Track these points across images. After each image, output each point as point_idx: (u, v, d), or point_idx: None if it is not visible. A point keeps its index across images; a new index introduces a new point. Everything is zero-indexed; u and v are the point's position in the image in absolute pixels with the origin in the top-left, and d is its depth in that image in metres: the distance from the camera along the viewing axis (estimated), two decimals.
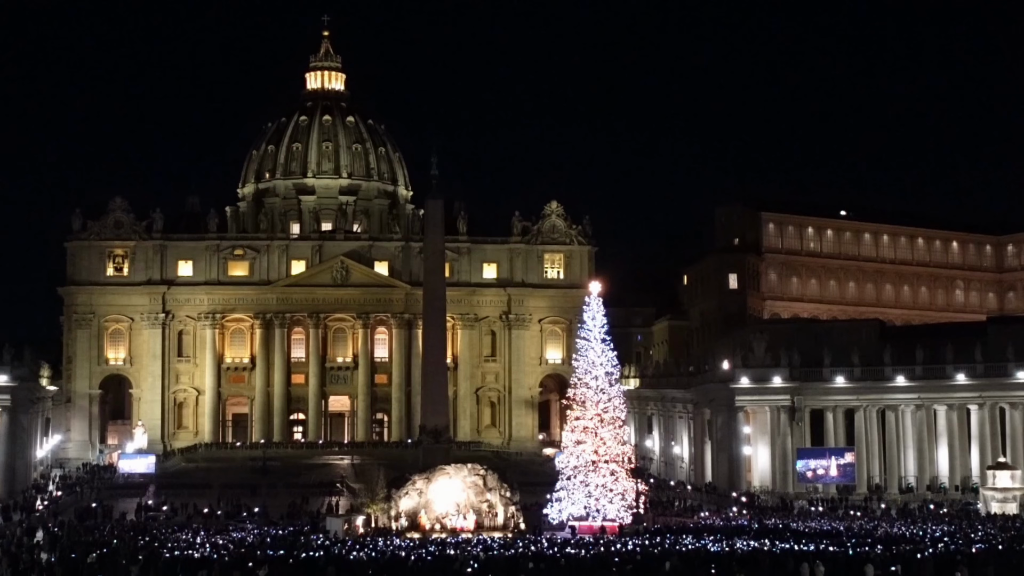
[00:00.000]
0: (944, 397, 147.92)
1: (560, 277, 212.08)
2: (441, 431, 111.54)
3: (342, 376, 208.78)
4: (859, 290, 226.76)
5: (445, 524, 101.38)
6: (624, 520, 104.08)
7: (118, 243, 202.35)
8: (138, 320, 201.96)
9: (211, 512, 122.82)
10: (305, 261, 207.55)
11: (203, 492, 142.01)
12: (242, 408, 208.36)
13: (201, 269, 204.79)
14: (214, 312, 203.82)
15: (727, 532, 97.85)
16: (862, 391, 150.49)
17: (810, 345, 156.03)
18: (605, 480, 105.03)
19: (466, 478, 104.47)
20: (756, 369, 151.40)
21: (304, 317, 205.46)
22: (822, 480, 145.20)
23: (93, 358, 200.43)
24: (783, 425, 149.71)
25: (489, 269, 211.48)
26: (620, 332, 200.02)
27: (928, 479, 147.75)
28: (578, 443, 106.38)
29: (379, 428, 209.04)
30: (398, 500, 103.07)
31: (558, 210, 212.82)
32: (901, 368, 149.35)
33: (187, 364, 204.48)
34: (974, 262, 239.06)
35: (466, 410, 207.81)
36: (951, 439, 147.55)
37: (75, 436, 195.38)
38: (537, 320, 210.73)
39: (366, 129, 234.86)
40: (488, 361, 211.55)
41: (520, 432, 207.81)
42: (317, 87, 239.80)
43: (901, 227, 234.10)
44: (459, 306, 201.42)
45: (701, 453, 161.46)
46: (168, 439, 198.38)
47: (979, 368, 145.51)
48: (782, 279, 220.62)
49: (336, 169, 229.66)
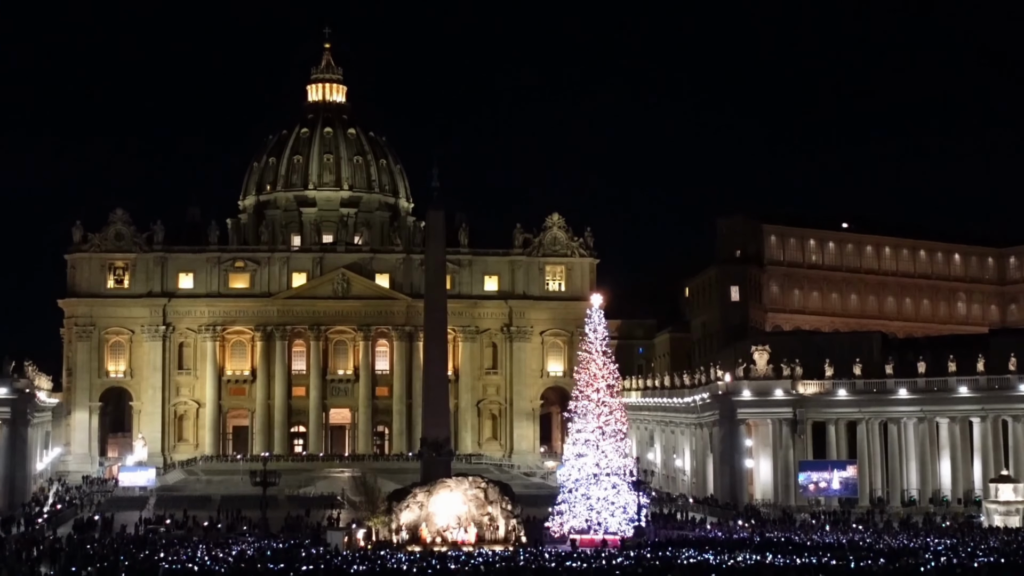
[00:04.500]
0: (946, 409, 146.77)
1: (561, 289, 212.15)
2: (442, 444, 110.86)
3: (343, 388, 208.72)
4: (861, 302, 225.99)
5: (446, 537, 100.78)
6: (626, 533, 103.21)
7: (119, 255, 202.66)
8: (139, 332, 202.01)
9: (211, 525, 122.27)
10: (306, 273, 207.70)
11: (203, 505, 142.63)
12: (243, 421, 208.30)
13: (202, 281, 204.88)
14: (215, 324, 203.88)
15: (729, 545, 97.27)
16: (864, 403, 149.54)
17: (812, 357, 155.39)
18: (607, 493, 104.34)
19: (467, 491, 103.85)
20: (758, 381, 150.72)
21: (305, 329, 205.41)
22: (824, 493, 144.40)
23: (93, 370, 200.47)
24: (785, 437, 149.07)
25: (490, 281, 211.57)
26: (622, 344, 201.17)
27: (930, 492, 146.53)
28: (579, 456, 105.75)
29: (380, 441, 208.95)
30: (399, 513, 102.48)
31: (559, 222, 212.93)
32: (903, 380, 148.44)
33: (188, 376, 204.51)
34: (976, 274, 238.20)
35: (467, 423, 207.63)
36: (953, 452, 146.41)
37: (75, 449, 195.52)
38: (538, 332, 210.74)
39: (367, 141, 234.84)
40: (489, 373, 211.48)
41: (521, 445, 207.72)
42: (318, 99, 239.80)
43: (903, 239, 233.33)
44: (460, 318, 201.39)
45: (703, 466, 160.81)
46: (168, 452, 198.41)
47: (981, 380, 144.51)
48: (784, 291, 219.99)
49: (337, 181, 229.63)
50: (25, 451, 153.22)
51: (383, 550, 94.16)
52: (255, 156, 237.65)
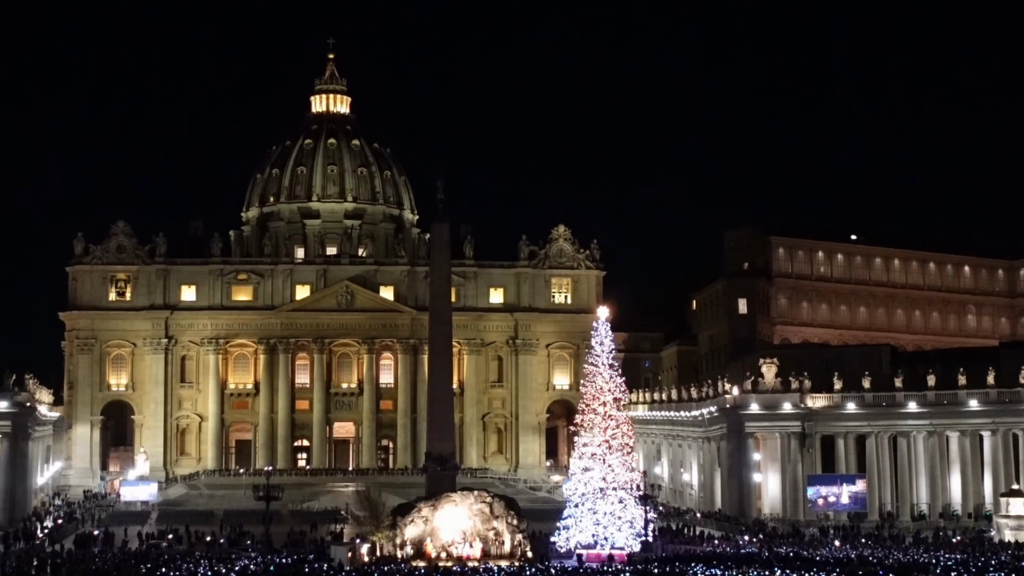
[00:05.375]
0: (956, 423, 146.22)
1: (568, 302, 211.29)
2: (447, 458, 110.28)
3: (347, 402, 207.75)
4: (870, 315, 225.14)
5: (451, 552, 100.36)
6: (633, 548, 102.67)
7: (120, 267, 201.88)
8: (140, 345, 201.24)
9: (214, 540, 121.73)
10: (310, 286, 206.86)
11: (206, 520, 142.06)
12: (245, 435, 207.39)
13: (204, 294, 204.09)
14: (217, 337, 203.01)
15: (737, 560, 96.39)
16: (873, 417, 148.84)
17: (821, 370, 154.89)
18: (613, 507, 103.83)
19: (472, 505, 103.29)
20: (766, 395, 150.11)
21: (308, 342, 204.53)
22: (833, 507, 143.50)
23: (95, 384, 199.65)
24: (793, 452, 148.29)
25: (496, 294, 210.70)
26: (628, 357, 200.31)
27: (940, 506, 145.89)
28: (586, 470, 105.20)
29: (384, 455, 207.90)
30: (403, 528, 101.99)
31: (565, 234, 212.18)
32: (913, 394, 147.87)
33: (190, 390, 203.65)
34: (986, 286, 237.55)
35: (472, 436, 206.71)
36: (964, 466, 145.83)
37: (76, 463, 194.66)
38: (544, 345, 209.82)
39: (371, 152, 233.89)
40: (495, 387, 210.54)
41: (527, 459, 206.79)
42: (322, 110, 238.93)
43: (912, 251, 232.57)
44: (465, 331, 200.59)
45: (711, 480, 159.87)
46: (170, 466, 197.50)
47: (992, 394, 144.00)
48: (792, 304, 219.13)
49: (341, 193, 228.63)
50: (26, 465, 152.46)
51: (387, 565, 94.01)
52: (258, 167, 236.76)
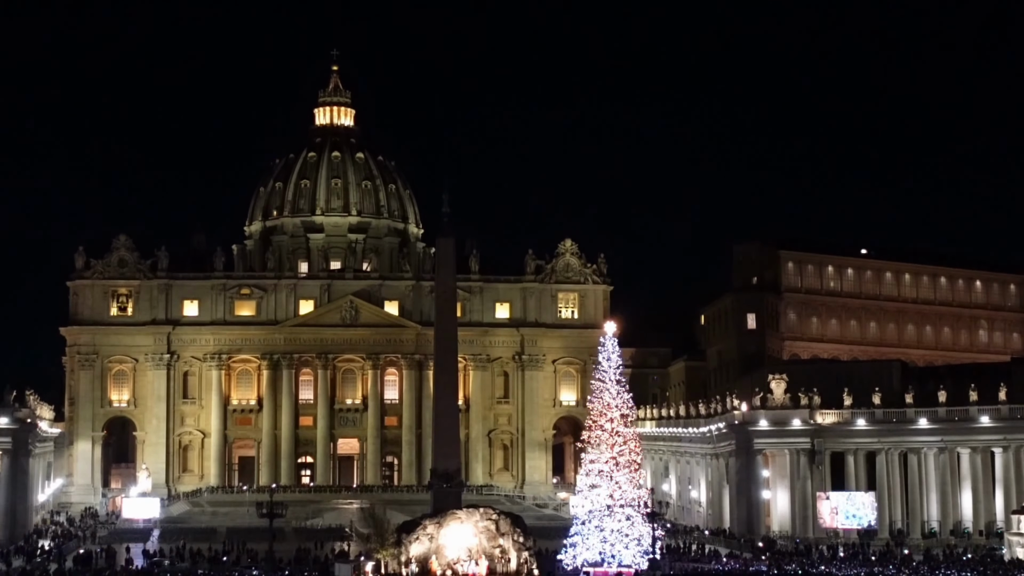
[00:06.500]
0: (968, 439, 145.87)
1: (574, 317, 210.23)
2: (452, 475, 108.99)
3: (351, 418, 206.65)
4: (880, 330, 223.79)
5: (457, 570, 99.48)
6: (640, 566, 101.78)
7: (122, 282, 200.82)
8: (142, 361, 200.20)
9: (217, 558, 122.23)
10: (313, 301, 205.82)
11: (209, 537, 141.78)
12: (248, 451, 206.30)
13: (207, 309, 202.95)
14: (220, 353, 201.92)
15: None
16: (884, 433, 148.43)
17: (830, 386, 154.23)
18: (620, 525, 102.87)
19: (478, 523, 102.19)
20: (775, 411, 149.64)
21: (312, 358, 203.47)
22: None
23: (96, 399, 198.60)
24: (803, 468, 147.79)
25: (502, 309, 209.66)
26: (636, 373, 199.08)
27: (951, 524, 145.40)
28: (593, 487, 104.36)
29: (389, 472, 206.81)
30: (408, 545, 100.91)
31: (572, 248, 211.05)
32: (924, 410, 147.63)
33: (192, 406, 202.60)
34: (998, 301, 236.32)
35: (478, 453, 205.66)
36: (975, 482, 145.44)
37: (78, 480, 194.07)
38: (551, 361, 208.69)
39: (376, 166, 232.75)
40: (501, 403, 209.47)
41: (533, 476, 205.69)
42: (326, 123, 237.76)
43: (923, 266, 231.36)
44: (471, 346, 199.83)
45: (719, 497, 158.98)
46: (173, 483, 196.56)
47: (1004, 410, 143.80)
48: (802, 319, 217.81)
49: (345, 206, 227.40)
50: (26, 482, 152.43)
51: None
52: (261, 181, 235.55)
